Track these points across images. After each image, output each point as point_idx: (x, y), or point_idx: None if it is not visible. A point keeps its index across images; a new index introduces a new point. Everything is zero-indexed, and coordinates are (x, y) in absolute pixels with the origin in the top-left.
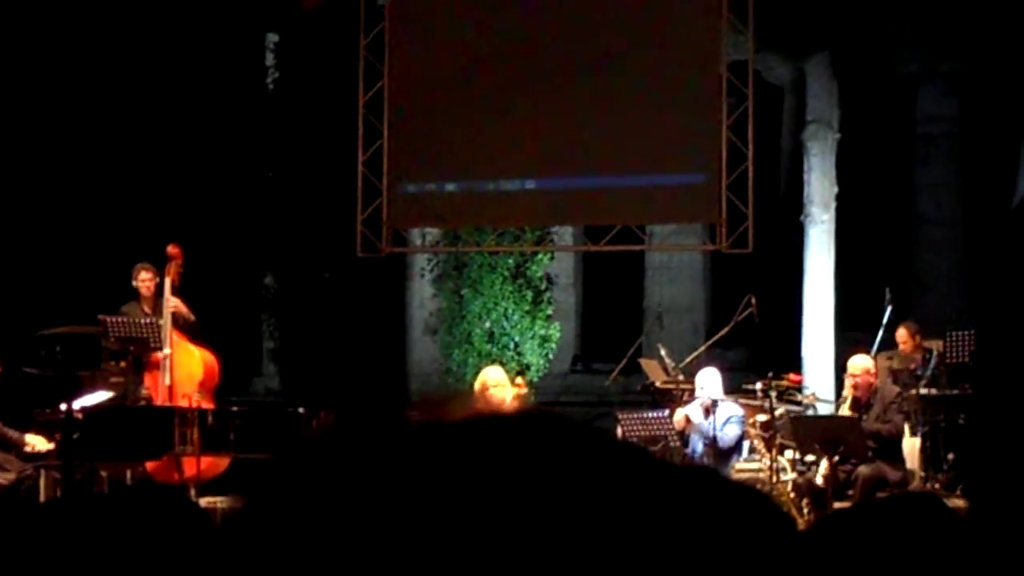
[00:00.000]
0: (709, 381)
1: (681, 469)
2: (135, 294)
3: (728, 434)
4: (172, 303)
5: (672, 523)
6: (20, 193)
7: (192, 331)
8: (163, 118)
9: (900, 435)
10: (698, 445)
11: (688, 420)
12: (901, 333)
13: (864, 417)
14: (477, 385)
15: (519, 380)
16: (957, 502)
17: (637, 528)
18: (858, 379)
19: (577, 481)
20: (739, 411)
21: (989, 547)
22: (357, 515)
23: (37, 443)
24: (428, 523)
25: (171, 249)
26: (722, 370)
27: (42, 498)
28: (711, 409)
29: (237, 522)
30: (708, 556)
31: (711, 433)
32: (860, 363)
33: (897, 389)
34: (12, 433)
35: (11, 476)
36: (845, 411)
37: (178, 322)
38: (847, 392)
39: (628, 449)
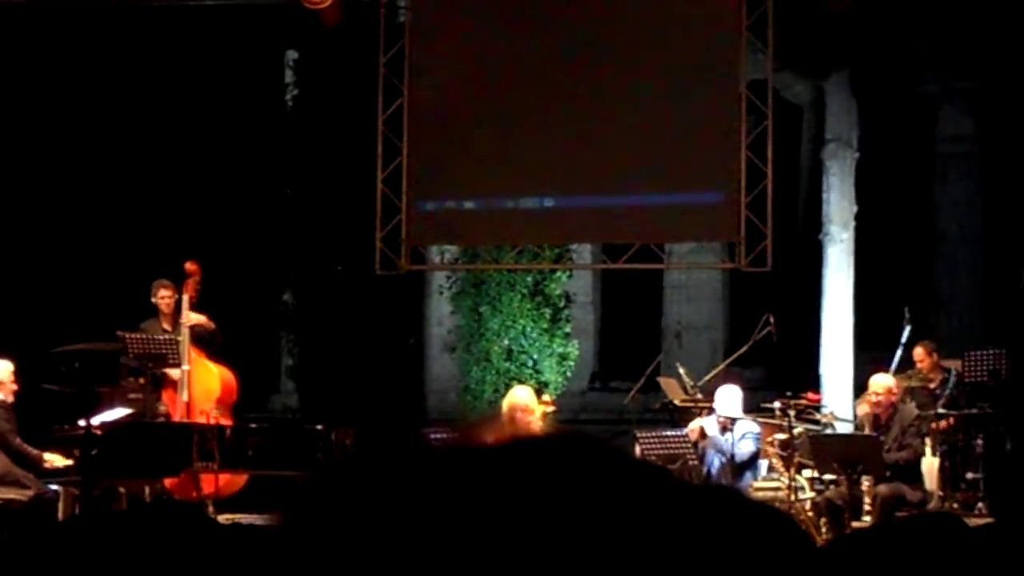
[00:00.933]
0: (728, 398)
1: (704, 490)
2: (154, 311)
3: (743, 449)
4: (191, 319)
5: (699, 545)
6: (39, 210)
7: (214, 343)
8: (182, 134)
9: (919, 458)
10: (715, 461)
11: (703, 433)
12: (919, 352)
13: (883, 438)
14: (504, 406)
15: (545, 398)
16: (976, 522)
17: (665, 550)
18: (880, 398)
19: (605, 504)
20: (756, 428)
21: (1012, 566)
22: (394, 538)
23: (56, 460)
24: (463, 546)
25: (189, 266)
26: (740, 389)
27: (60, 515)
28: (728, 426)
29: (273, 540)
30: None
31: (729, 450)
32: (882, 382)
33: (916, 411)
34: (32, 451)
35: (30, 493)
36: (862, 415)
37: (199, 336)
38: (862, 411)
39: (651, 471)
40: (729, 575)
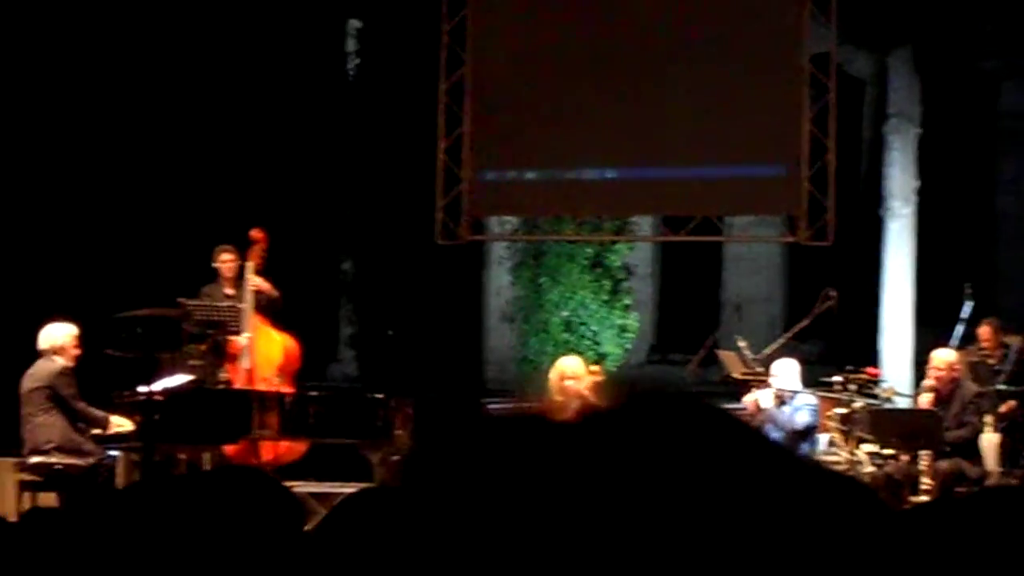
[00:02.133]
0: (785, 371)
1: (792, 456)
2: (216, 276)
3: (798, 419)
4: (254, 282)
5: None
6: (106, 176)
7: (275, 310)
8: (247, 103)
9: (977, 436)
10: (771, 435)
11: (757, 405)
12: (985, 329)
13: (942, 414)
14: (553, 375)
15: (593, 368)
16: None
17: (765, 517)
18: (941, 373)
19: (703, 466)
20: (813, 400)
21: None
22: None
23: (123, 424)
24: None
25: (255, 233)
26: (800, 363)
27: (120, 482)
28: (786, 400)
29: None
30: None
31: (787, 423)
32: (944, 357)
33: (977, 388)
34: (97, 413)
35: (90, 460)
36: (925, 401)
37: (261, 303)
38: (926, 383)
39: (747, 432)
40: (817, 539)
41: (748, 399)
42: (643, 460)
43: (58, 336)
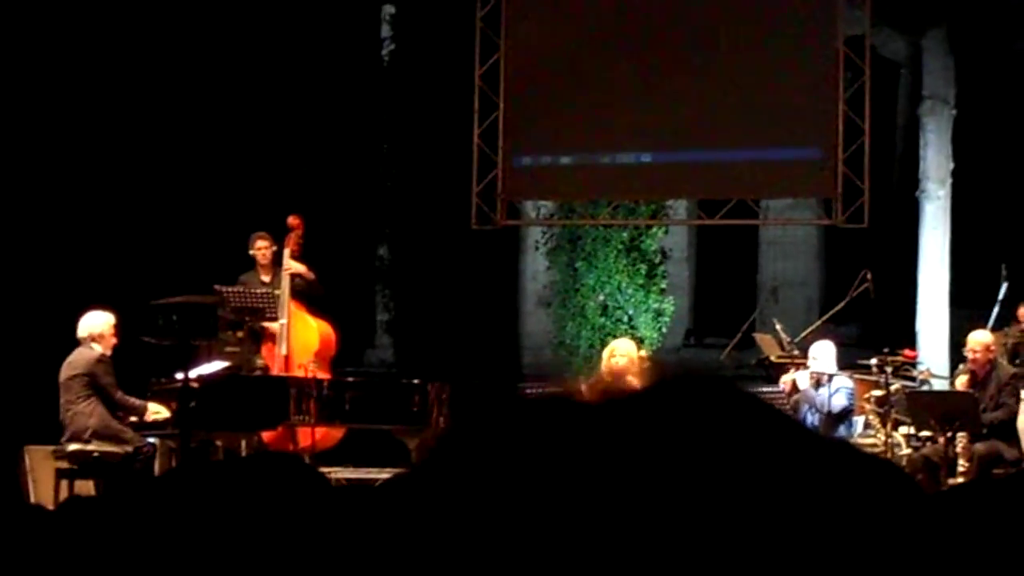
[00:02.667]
0: (823, 353)
1: (821, 438)
2: (252, 263)
3: (835, 402)
4: (292, 267)
5: (823, 492)
6: (143, 164)
7: (314, 293)
8: (283, 90)
9: (1014, 417)
10: (807, 416)
11: (794, 385)
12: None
13: (979, 395)
14: (605, 354)
15: (642, 353)
16: None
17: (794, 499)
18: (977, 355)
19: (734, 452)
20: (849, 384)
21: None
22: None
23: (161, 411)
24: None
25: (292, 220)
26: (836, 345)
27: (157, 469)
28: (823, 382)
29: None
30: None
31: (824, 405)
32: (980, 339)
33: (1013, 370)
34: (135, 401)
35: (128, 448)
36: (961, 383)
37: (298, 289)
38: (963, 366)
39: (775, 415)
40: (849, 523)
41: (786, 379)
42: (667, 442)
43: (97, 324)
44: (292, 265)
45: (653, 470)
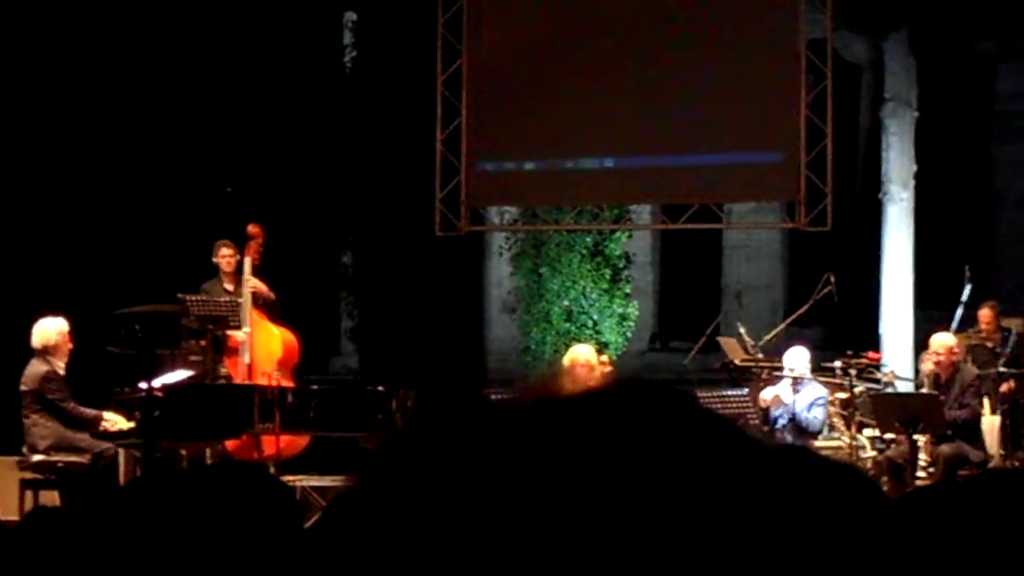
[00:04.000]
0: (798, 360)
1: (775, 445)
2: (215, 272)
3: (816, 417)
4: (251, 283)
5: (773, 499)
6: (104, 172)
7: (272, 310)
8: (244, 98)
9: (978, 418)
10: (780, 421)
11: (778, 400)
12: (985, 313)
13: (943, 397)
14: (565, 361)
15: (603, 358)
16: None
17: (740, 505)
18: (941, 357)
19: (676, 457)
20: (823, 392)
21: None
22: (459, 502)
23: (117, 421)
24: (539, 506)
25: (252, 228)
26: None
27: (122, 478)
28: (796, 387)
29: (344, 503)
30: (811, 529)
31: (799, 414)
32: (943, 341)
33: (976, 371)
34: (88, 412)
35: (88, 456)
36: (925, 385)
37: (258, 301)
38: (925, 367)
39: (721, 422)
40: (805, 529)
41: (766, 396)
42: (603, 444)
43: (49, 333)
44: (255, 283)
45: (587, 473)
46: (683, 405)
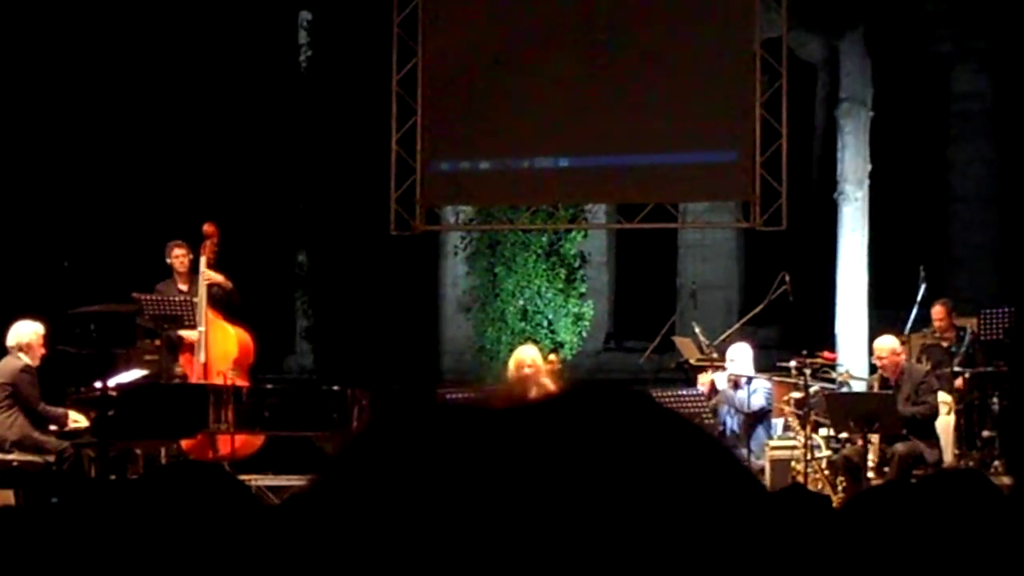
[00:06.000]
0: (740, 355)
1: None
2: (170, 272)
3: (753, 402)
4: (210, 276)
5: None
6: (57, 173)
7: (232, 302)
8: (196, 97)
9: (935, 414)
10: (727, 419)
11: (713, 387)
12: (938, 310)
13: (896, 397)
14: (511, 365)
15: (552, 357)
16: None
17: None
18: (884, 360)
19: (632, 457)
20: (767, 384)
21: None
22: (417, 506)
23: (79, 419)
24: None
25: (206, 227)
26: (756, 348)
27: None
28: (741, 384)
29: (298, 506)
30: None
31: (744, 405)
32: (886, 344)
33: (925, 368)
34: (56, 410)
35: (50, 458)
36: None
37: (216, 297)
38: (873, 375)
39: (680, 421)
40: (763, 529)
41: (703, 379)
42: (556, 447)
43: (24, 334)
44: (210, 275)
45: (545, 476)
46: (641, 406)
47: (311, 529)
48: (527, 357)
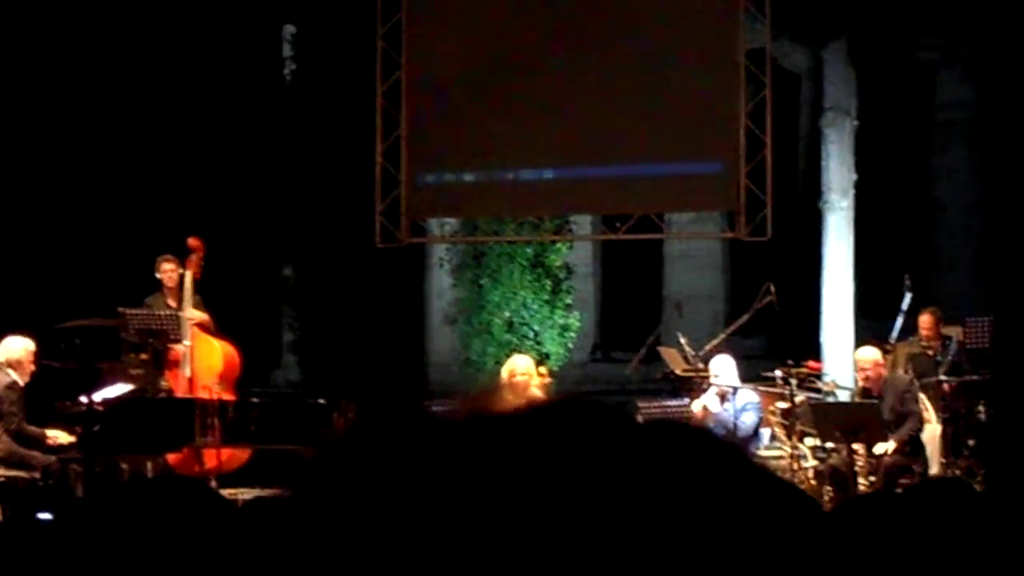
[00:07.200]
0: (724, 369)
1: (708, 449)
2: (158, 286)
3: (747, 422)
4: (194, 316)
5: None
6: (42, 187)
7: (207, 328)
8: (182, 110)
9: (922, 423)
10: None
11: (706, 410)
12: (925, 319)
13: (881, 407)
14: (504, 373)
15: (541, 370)
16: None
17: (671, 515)
18: (868, 372)
19: (609, 471)
20: (755, 398)
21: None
22: (394, 512)
23: (59, 437)
24: (464, 517)
25: (192, 241)
26: (741, 358)
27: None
28: (727, 396)
29: (268, 514)
30: (738, 539)
31: (730, 421)
32: (868, 356)
33: (908, 377)
34: (33, 429)
35: (36, 474)
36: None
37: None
38: (856, 388)
39: (657, 435)
40: (736, 542)
41: (697, 406)
42: (533, 460)
43: (14, 350)
44: (195, 315)
45: (519, 488)
46: (616, 421)
47: (279, 540)
48: (519, 366)
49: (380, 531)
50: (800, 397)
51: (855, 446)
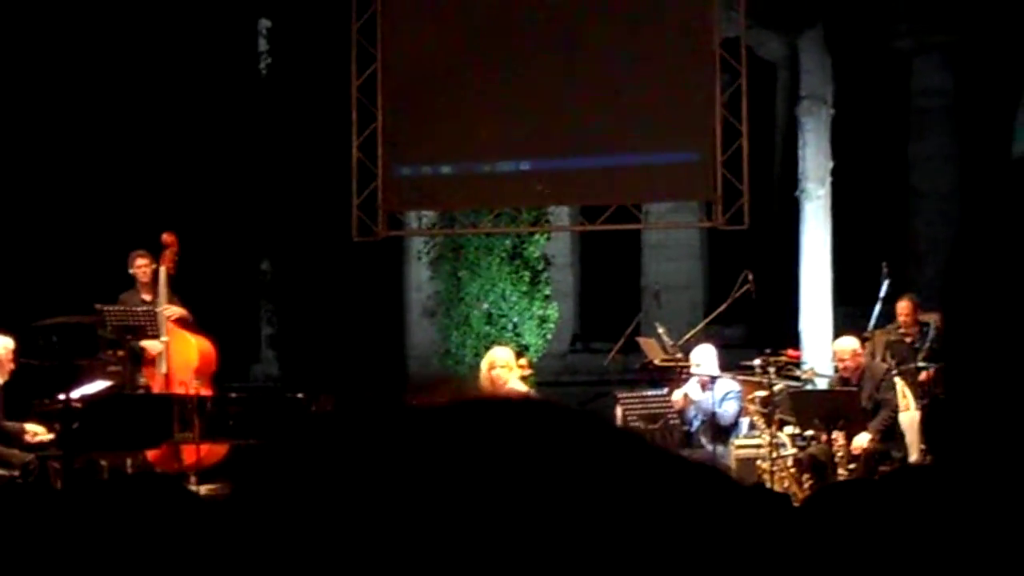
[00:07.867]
0: (705, 358)
1: (675, 457)
2: (132, 282)
3: (728, 411)
4: (172, 312)
5: (666, 514)
6: (15, 183)
7: (185, 324)
8: (156, 105)
9: (896, 412)
10: (695, 421)
11: (687, 398)
12: (904, 305)
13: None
14: (484, 365)
15: (521, 361)
16: None
17: (630, 519)
18: (847, 362)
19: (565, 469)
20: (736, 386)
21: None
22: (348, 505)
23: (39, 432)
24: (418, 512)
25: (166, 237)
26: (720, 347)
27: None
28: (707, 385)
29: (228, 509)
30: (701, 545)
31: (710, 409)
32: (846, 346)
33: (885, 366)
34: (11, 425)
35: (15, 472)
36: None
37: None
38: (834, 376)
39: (621, 436)
40: (701, 544)
41: (678, 395)
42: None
43: None
44: (173, 311)
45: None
46: (573, 420)
47: (245, 537)
48: (500, 358)
49: (329, 528)
50: (779, 385)
51: (834, 434)
